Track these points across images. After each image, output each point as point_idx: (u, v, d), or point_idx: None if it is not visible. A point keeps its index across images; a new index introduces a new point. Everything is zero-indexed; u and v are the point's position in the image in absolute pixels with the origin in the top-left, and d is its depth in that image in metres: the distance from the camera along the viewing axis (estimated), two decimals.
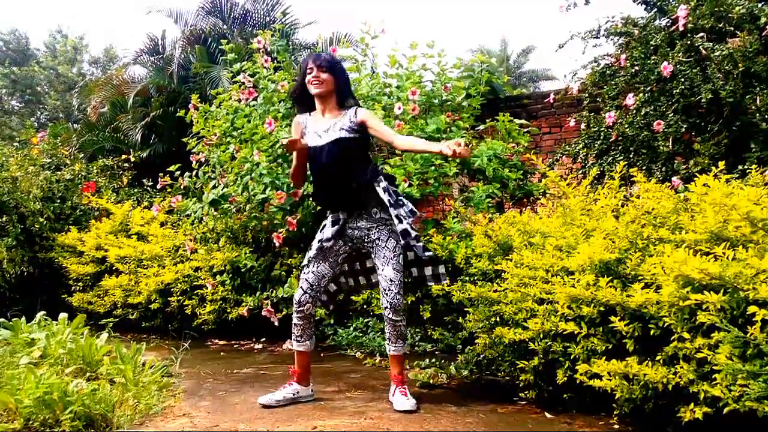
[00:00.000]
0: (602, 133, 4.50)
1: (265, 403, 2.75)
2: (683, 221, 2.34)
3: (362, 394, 2.96)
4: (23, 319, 3.80)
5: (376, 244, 2.79)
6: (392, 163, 4.03)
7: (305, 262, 2.88)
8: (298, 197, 4.09)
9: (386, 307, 2.75)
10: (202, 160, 5.10)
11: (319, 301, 2.91)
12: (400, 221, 2.70)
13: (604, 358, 2.28)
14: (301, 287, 2.82)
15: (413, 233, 2.71)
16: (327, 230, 2.85)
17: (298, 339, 2.85)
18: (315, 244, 2.88)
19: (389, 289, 2.74)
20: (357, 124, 2.78)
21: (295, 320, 2.83)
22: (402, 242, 2.78)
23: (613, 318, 2.24)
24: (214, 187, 4.67)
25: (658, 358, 2.16)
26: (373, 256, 2.83)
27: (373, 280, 3.05)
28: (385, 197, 2.72)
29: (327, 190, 2.85)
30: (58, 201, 6.59)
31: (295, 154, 2.86)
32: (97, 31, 37.56)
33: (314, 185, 2.97)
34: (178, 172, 5.14)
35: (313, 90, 2.80)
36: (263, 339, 4.80)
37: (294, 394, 2.81)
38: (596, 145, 4.51)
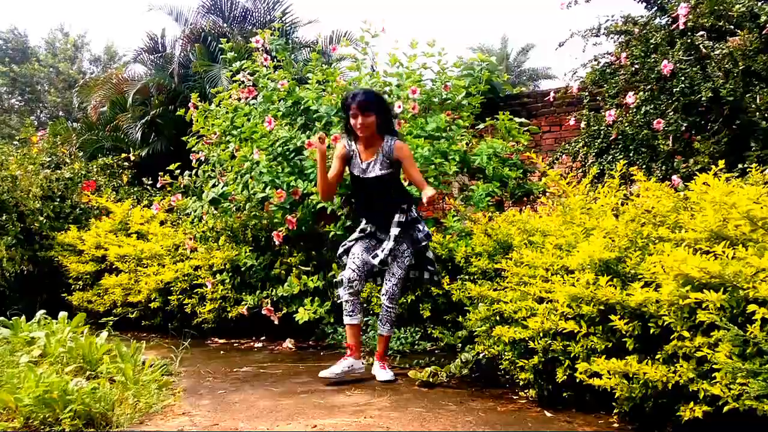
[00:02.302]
0: (602, 132, 4.50)
1: (325, 376, 3.15)
2: (683, 220, 2.34)
3: (362, 392, 2.96)
4: (23, 317, 3.80)
5: (394, 250, 3.24)
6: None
7: (343, 249, 3.39)
8: (297, 196, 4.09)
9: (384, 294, 3.27)
10: (202, 158, 5.10)
11: (364, 280, 3.34)
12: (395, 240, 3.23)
13: (603, 356, 2.28)
14: (350, 268, 3.25)
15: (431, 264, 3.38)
16: (359, 232, 3.37)
17: (351, 314, 3.26)
18: (355, 236, 3.38)
19: (389, 281, 3.26)
20: (392, 160, 3.23)
21: (345, 298, 3.25)
22: (412, 249, 3.30)
23: (612, 317, 2.24)
24: (214, 185, 4.67)
25: (657, 356, 2.16)
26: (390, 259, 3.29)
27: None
28: (421, 235, 3.27)
29: (371, 211, 3.37)
30: (58, 200, 6.58)
31: (319, 161, 3.26)
32: (99, 29, 37.51)
33: (358, 204, 3.60)
34: (178, 171, 5.14)
35: (360, 134, 3.23)
36: (263, 338, 4.80)
37: (349, 368, 3.22)
38: (596, 144, 4.51)
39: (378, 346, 3.34)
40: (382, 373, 3.23)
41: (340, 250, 3.42)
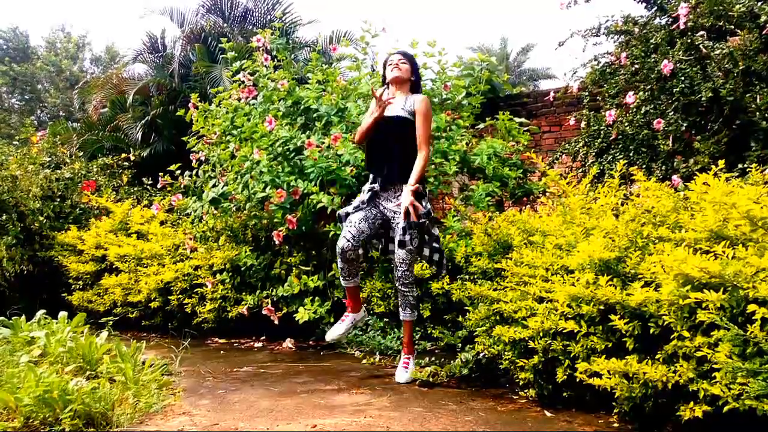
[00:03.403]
0: (602, 132, 4.50)
1: (332, 337, 3.40)
2: (683, 220, 2.34)
3: (362, 392, 2.96)
4: (23, 317, 3.80)
5: (396, 228, 3.24)
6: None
7: (344, 213, 3.35)
8: (298, 196, 4.09)
9: (397, 280, 3.25)
10: (202, 158, 5.11)
11: (361, 248, 3.31)
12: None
13: (603, 356, 2.28)
14: (344, 237, 3.24)
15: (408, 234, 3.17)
16: (363, 195, 3.31)
17: (346, 278, 3.35)
18: (353, 204, 3.33)
19: (399, 266, 3.22)
20: (412, 111, 3.26)
21: (340, 264, 3.31)
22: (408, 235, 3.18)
23: (612, 316, 2.24)
24: (214, 185, 4.67)
25: (657, 356, 2.16)
26: (393, 235, 3.31)
27: (379, 246, 3.47)
28: (422, 211, 3.16)
29: (382, 159, 3.27)
30: (58, 199, 6.58)
31: (377, 114, 3.25)
32: (100, 29, 37.56)
33: (371, 152, 3.36)
34: (178, 171, 5.14)
35: (395, 76, 3.30)
36: (263, 337, 4.80)
37: (352, 322, 3.43)
38: (596, 144, 4.51)
39: (404, 335, 3.31)
40: (400, 372, 3.19)
41: (341, 212, 3.38)
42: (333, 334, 3.41)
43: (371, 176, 3.34)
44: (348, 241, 3.23)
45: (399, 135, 3.23)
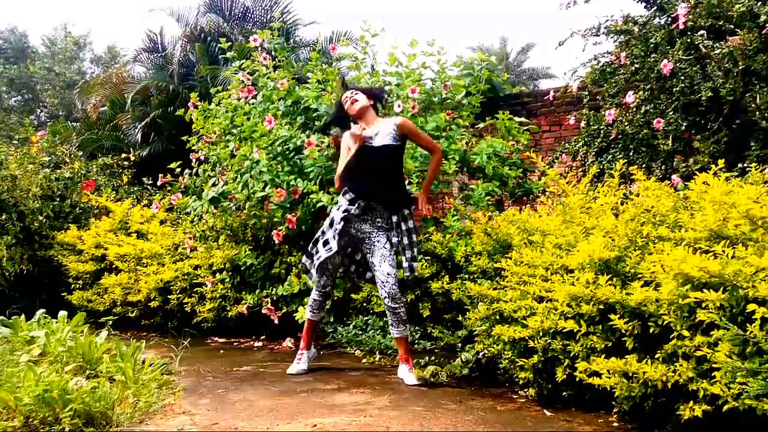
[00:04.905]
0: (602, 131, 4.50)
1: (293, 372, 3.39)
2: (683, 219, 2.34)
3: (361, 391, 2.96)
4: (23, 317, 3.81)
5: (375, 245, 3.24)
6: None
7: (325, 237, 3.27)
8: (297, 195, 4.09)
9: (385, 297, 3.18)
10: (202, 158, 5.11)
11: (334, 283, 3.47)
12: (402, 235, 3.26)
13: (603, 356, 2.28)
14: (325, 275, 3.33)
15: (415, 257, 3.29)
16: (336, 225, 3.21)
17: (315, 312, 3.44)
18: (327, 234, 3.26)
19: (386, 282, 3.17)
20: (399, 135, 3.25)
21: (315, 297, 3.40)
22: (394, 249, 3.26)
23: (612, 316, 2.24)
24: (214, 185, 4.67)
25: (657, 355, 2.16)
26: (369, 255, 3.27)
27: (367, 276, 3.44)
28: (410, 224, 3.27)
29: (369, 185, 3.22)
30: (58, 199, 6.58)
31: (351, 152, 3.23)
32: (102, 29, 37.53)
33: (355, 181, 3.25)
34: (179, 170, 5.14)
35: (352, 111, 3.28)
36: (263, 337, 4.80)
37: (309, 359, 3.49)
38: (596, 143, 4.51)
39: (399, 350, 3.25)
40: (410, 376, 3.11)
41: (323, 234, 3.29)
42: (294, 369, 3.43)
43: (348, 196, 3.23)
44: (328, 277, 3.35)
45: (389, 163, 3.24)
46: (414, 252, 3.28)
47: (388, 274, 3.17)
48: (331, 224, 3.25)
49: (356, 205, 3.21)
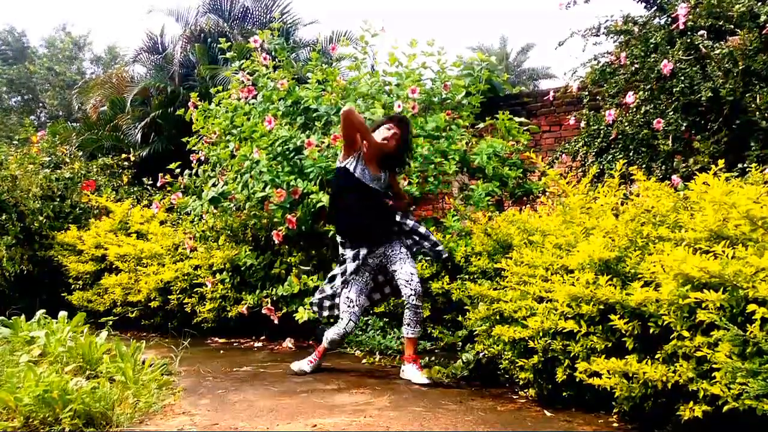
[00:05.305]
0: (602, 132, 4.50)
1: (295, 369, 3.43)
2: (683, 219, 2.34)
3: (361, 392, 2.96)
4: (23, 317, 3.81)
5: (390, 256, 3.35)
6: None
7: (340, 289, 3.42)
8: (297, 195, 4.09)
9: (410, 295, 3.24)
10: (202, 158, 5.11)
11: (370, 301, 3.55)
12: (424, 239, 3.39)
13: (603, 356, 2.28)
14: (351, 320, 3.35)
15: (436, 242, 3.41)
16: (350, 265, 3.33)
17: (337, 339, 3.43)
18: (349, 270, 3.35)
19: (411, 280, 3.26)
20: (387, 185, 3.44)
21: (338, 337, 3.39)
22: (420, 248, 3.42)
23: (612, 316, 2.24)
24: (214, 185, 4.67)
25: (657, 356, 2.16)
26: (389, 266, 3.36)
27: (387, 291, 3.56)
28: (410, 223, 3.38)
29: (369, 222, 3.32)
30: (58, 199, 6.58)
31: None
32: (103, 29, 37.51)
33: (354, 215, 3.32)
34: (178, 170, 5.14)
35: (387, 147, 3.33)
36: (263, 337, 4.80)
37: (317, 366, 3.46)
38: (596, 144, 4.51)
39: (407, 349, 3.29)
40: (418, 375, 3.15)
41: (337, 282, 3.44)
42: (296, 367, 3.46)
43: (349, 252, 3.34)
44: (354, 322, 3.38)
45: (382, 204, 3.38)
46: (431, 241, 3.38)
47: (412, 273, 3.26)
48: (343, 273, 3.39)
49: (361, 255, 3.31)
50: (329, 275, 3.57)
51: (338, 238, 3.43)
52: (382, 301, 3.69)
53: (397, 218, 3.39)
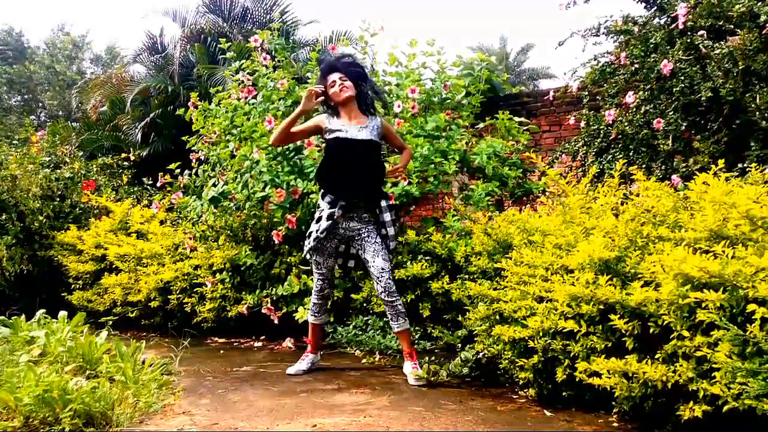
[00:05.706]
0: (602, 131, 4.50)
1: (292, 372, 3.39)
2: (683, 219, 2.34)
3: (361, 392, 2.96)
4: (23, 317, 3.80)
5: (365, 240, 3.27)
6: (392, 162, 4.04)
7: (308, 254, 3.35)
8: (297, 195, 4.09)
9: (381, 291, 3.21)
10: (202, 158, 5.11)
11: (332, 285, 3.49)
12: (388, 228, 3.32)
13: (603, 356, 2.28)
14: (320, 279, 3.38)
15: (393, 240, 3.35)
16: (323, 223, 3.23)
17: (316, 314, 3.47)
18: (313, 237, 3.27)
19: (381, 277, 3.21)
20: (381, 135, 3.33)
21: (315, 301, 3.44)
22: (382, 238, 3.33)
23: (612, 316, 2.24)
24: (214, 185, 4.67)
25: (657, 356, 2.16)
26: (361, 252, 3.30)
27: (350, 264, 3.51)
28: (387, 216, 3.30)
29: (352, 179, 3.20)
30: (58, 199, 6.58)
31: (296, 112, 3.24)
32: (103, 29, 37.56)
33: (337, 173, 3.23)
34: (178, 170, 5.14)
35: (340, 99, 3.25)
36: (263, 337, 4.80)
37: (312, 363, 3.47)
38: (596, 143, 4.51)
39: (402, 345, 3.27)
40: (411, 376, 3.10)
41: (308, 245, 3.30)
42: (293, 370, 3.43)
43: (328, 198, 3.24)
44: (323, 281, 3.39)
45: (370, 158, 3.25)
46: (391, 240, 3.33)
47: (382, 269, 3.20)
48: (318, 221, 3.28)
49: (338, 206, 3.21)
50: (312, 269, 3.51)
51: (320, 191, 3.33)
52: (342, 272, 3.69)
53: (383, 203, 3.29)
